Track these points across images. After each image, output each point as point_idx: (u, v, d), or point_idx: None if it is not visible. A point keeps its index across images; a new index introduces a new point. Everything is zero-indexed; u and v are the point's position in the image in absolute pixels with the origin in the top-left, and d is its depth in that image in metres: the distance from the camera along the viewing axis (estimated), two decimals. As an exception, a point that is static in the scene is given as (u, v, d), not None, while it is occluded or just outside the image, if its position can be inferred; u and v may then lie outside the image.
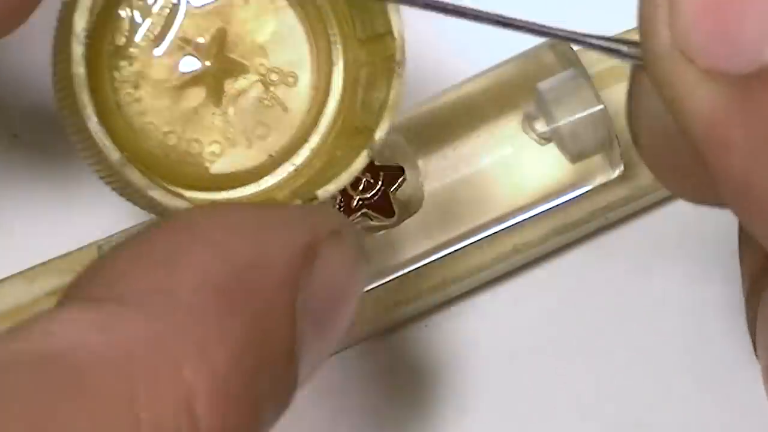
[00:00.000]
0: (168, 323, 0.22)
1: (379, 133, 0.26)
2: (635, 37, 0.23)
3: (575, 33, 0.24)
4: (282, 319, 0.23)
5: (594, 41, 0.24)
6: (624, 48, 0.24)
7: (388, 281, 0.35)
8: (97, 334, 0.22)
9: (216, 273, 0.23)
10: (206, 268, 0.23)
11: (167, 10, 0.26)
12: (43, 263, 0.35)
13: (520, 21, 0.25)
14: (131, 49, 0.26)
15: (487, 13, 0.24)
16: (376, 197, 0.34)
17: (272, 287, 0.23)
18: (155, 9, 0.26)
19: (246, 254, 0.23)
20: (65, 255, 0.35)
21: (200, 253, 0.23)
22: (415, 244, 0.35)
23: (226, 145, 0.26)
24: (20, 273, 0.35)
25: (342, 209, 0.34)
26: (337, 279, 0.25)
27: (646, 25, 0.22)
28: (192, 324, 0.22)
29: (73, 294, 0.23)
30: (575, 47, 0.36)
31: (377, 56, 0.26)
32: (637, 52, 0.23)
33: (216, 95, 0.26)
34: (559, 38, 0.24)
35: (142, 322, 0.22)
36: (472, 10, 0.24)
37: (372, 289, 0.35)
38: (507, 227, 0.35)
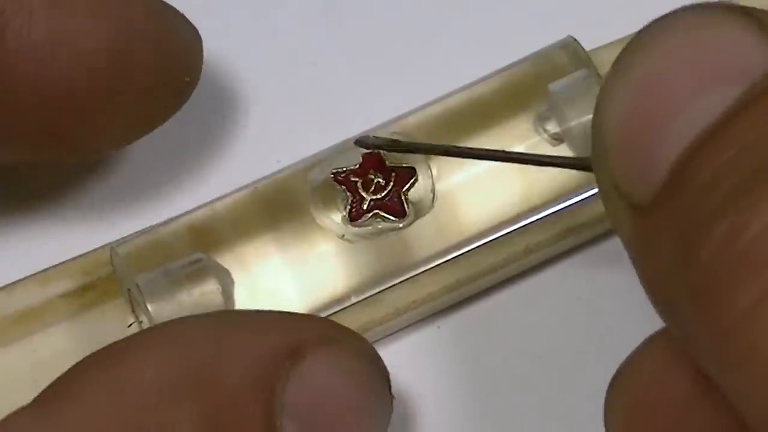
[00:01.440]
0: (109, 414, 0.21)
1: None
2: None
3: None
4: (252, 415, 0.22)
5: (560, 161, 0.29)
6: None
7: (400, 282, 0.35)
8: None
9: (169, 365, 0.22)
10: (158, 362, 0.22)
11: None
12: (56, 265, 0.35)
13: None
14: None
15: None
16: (388, 198, 0.34)
17: (240, 380, 0.22)
18: None
19: (209, 350, 0.22)
20: (79, 257, 0.35)
21: (154, 349, 0.22)
22: (427, 245, 0.35)
23: None
24: (33, 275, 0.35)
25: (353, 210, 0.34)
26: (334, 387, 0.24)
27: (594, 164, 0.23)
28: (135, 412, 0.22)
29: (33, 401, 0.23)
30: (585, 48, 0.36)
31: None
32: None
33: None
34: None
35: (82, 416, 0.22)
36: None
37: (384, 290, 0.35)
38: (519, 228, 0.35)
